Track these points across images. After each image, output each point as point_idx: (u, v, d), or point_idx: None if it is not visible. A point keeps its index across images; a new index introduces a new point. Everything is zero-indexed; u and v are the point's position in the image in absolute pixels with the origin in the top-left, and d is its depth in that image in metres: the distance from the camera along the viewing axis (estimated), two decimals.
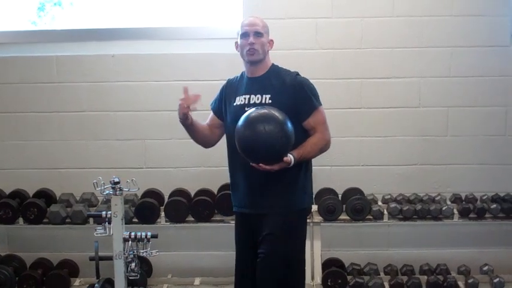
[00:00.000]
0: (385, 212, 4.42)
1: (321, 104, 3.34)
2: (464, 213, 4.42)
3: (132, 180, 3.19)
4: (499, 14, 4.71)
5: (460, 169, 4.82)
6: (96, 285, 3.39)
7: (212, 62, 4.65)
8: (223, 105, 3.42)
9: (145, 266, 4.51)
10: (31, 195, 4.62)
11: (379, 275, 4.56)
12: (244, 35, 3.29)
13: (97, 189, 3.17)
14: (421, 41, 4.69)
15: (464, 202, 4.54)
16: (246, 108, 3.22)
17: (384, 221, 4.44)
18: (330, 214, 4.37)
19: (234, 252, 3.43)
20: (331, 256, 4.69)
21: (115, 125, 4.80)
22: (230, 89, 3.41)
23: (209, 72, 4.60)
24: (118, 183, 3.15)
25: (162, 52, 4.77)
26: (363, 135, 4.78)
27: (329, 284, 4.34)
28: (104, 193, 3.18)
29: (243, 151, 3.12)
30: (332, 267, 4.47)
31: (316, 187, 4.57)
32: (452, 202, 4.59)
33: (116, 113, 4.79)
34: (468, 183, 4.79)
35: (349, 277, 4.41)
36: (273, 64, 3.38)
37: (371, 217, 4.41)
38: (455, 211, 4.42)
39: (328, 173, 4.77)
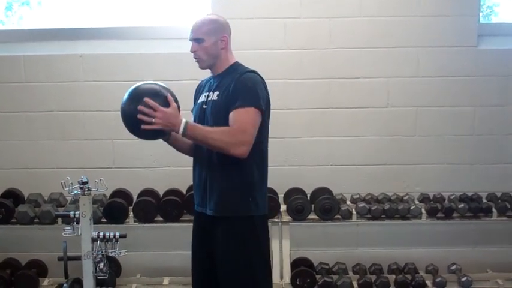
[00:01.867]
0: (354, 211, 4.44)
1: (256, 106, 3.02)
2: (432, 213, 4.45)
3: (100, 180, 3.17)
4: (466, 14, 4.77)
5: (428, 169, 4.87)
6: (64, 285, 3.37)
7: (181, 61, 4.63)
8: (194, 108, 3.38)
9: (114, 266, 4.48)
10: None
11: (348, 274, 4.59)
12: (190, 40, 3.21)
13: (65, 189, 3.14)
14: (389, 41, 4.74)
15: (432, 202, 4.58)
16: (204, 106, 3.19)
17: (353, 220, 4.46)
18: (298, 214, 4.39)
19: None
20: (300, 256, 4.71)
21: (83, 125, 4.78)
22: (199, 89, 3.39)
23: (177, 71, 4.60)
24: (86, 183, 3.13)
25: (130, 52, 4.76)
26: (332, 135, 4.81)
27: (298, 283, 4.35)
28: (72, 193, 3.15)
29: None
30: (301, 267, 4.49)
31: (285, 187, 4.64)
32: (420, 202, 4.63)
33: (84, 112, 4.76)
34: (436, 182, 4.84)
35: (317, 276, 4.43)
36: (235, 62, 3.25)
37: (339, 217, 4.43)
38: (423, 211, 4.45)
39: (296, 172, 4.80)
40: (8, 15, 5.18)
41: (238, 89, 3.05)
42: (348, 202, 4.62)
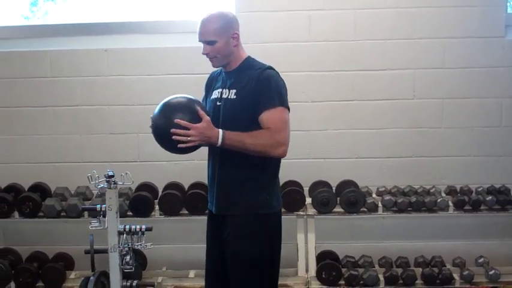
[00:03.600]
0: (380, 204, 4.41)
1: (285, 106, 3.04)
2: (459, 206, 4.41)
3: (126, 173, 3.19)
4: (494, 4, 4.70)
5: (455, 161, 4.82)
6: (91, 278, 3.38)
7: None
8: (205, 99, 3.34)
9: (140, 259, 4.51)
10: (26, 189, 4.62)
11: (374, 267, 4.56)
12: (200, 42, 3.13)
13: (91, 182, 3.17)
14: (415, 32, 4.68)
15: (459, 194, 4.53)
16: (218, 103, 3.14)
17: (379, 213, 4.44)
18: (324, 207, 4.37)
19: None
20: (326, 249, 4.69)
21: (109, 119, 4.80)
22: (210, 83, 3.34)
23: (203, 65, 4.59)
24: (112, 176, 3.15)
25: (155, 46, 4.76)
26: (357, 128, 4.77)
27: (323, 276, 4.34)
28: (99, 187, 3.18)
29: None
30: (326, 260, 4.47)
31: (310, 180, 4.63)
32: (447, 194, 4.58)
33: (109, 107, 4.79)
34: (463, 175, 4.79)
35: (343, 269, 4.41)
36: (248, 57, 3.18)
37: (365, 210, 4.41)
38: (450, 203, 4.41)
39: (321, 165, 4.78)
40: (33, 10, 5.22)
41: (262, 90, 3.00)
42: (374, 195, 4.59)
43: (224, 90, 3.14)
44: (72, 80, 4.80)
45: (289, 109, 3.08)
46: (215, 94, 3.19)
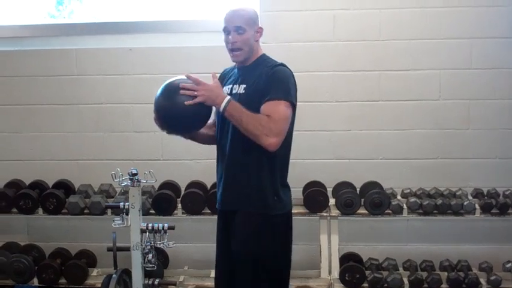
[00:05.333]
0: (405, 206, 4.36)
1: (289, 101, 2.95)
2: (486, 209, 4.34)
3: (149, 171, 3.20)
4: None
5: (481, 163, 4.75)
6: (113, 275, 3.40)
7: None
8: None
9: (162, 258, 4.52)
10: (50, 186, 4.66)
11: (398, 270, 4.50)
12: (225, 30, 3.06)
13: (115, 180, 3.19)
14: (440, 32, 4.63)
15: (486, 197, 4.46)
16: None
17: (403, 215, 4.38)
18: (347, 208, 4.34)
19: None
20: (349, 251, 4.65)
21: (132, 117, 4.82)
22: (222, 79, 3.28)
23: (226, 64, 4.59)
24: (136, 174, 3.17)
25: (179, 45, 4.77)
26: (381, 129, 4.73)
27: (347, 278, 4.30)
28: (122, 184, 3.20)
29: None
30: (350, 262, 4.43)
31: (333, 181, 4.60)
32: (473, 197, 4.51)
33: (133, 105, 4.80)
34: (490, 177, 4.71)
35: (367, 272, 4.36)
36: (263, 54, 3.14)
37: (390, 211, 4.36)
38: (477, 206, 4.34)
39: (345, 166, 4.74)
40: (59, 9, 5.25)
41: (270, 83, 2.95)
42: (399, 197, 4.53)
43: (235, 85, 3.11)
44: (96, 78, 4.83)
45: (294, 107, 3.00)
46: (225, 90, 3.14)
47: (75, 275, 4.42)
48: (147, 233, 3.21)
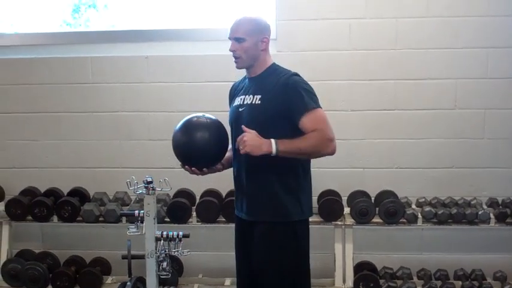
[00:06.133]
0: (419, 215, 4.35)
1: (319, 107, 3.04)
2: (501, 218, 4.31)
3: (164, 179, 3.21)
4: None
5: (496, 172, 4.71)
6: (128, 283, 3.40)
7: None
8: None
9: (176, 266, 4.53)
10: (65, 193, 4.68)
11: (412, 279, 4.49)
12: (229, 39, 3.18)
13: (130, 188, 3.19)
14: (457, 41, 4.60)
15: (501, 206, 4.43)
16: (240, 109, 3.14)
17: (418, 224, 4.37)
18: (362, 217, 4.33)
19: None
20: (363, 259, 4.64)
21: (148, 125, 4.83)
22: (233, 92, 3.35)
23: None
24: (151, 182, 3.17)
25: (195, 53, 4.78)
26: (397, 137, 4.70)
27: (361, 287, 4.29)
28: (137, 192, 3.20)
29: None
30: (364, 271, 4.43)
31: (348, 189, 4.59)
32: (488, 206, 4.49)
33: (149, 113, 4.82)
34: (505, 187, 4.68)
35: (381, 281, 4.36)
36: (273, 63, 3.20)
37: (405, 220, 4.35)
38: (491, 216, 4.32)
39: (360, 175, 4.72)
40: (75, 17, 5.28)
41: (294, 97, 3.00)
42: (414, 206, 4.52)
43: (247, 96, 3.14)
44: (113, 86, 4.84)
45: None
46: (237, 101, 3.20)
47: (89, 283, 4.44)
48: (162, 241, 3.21)
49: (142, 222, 3.22)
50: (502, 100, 4.66)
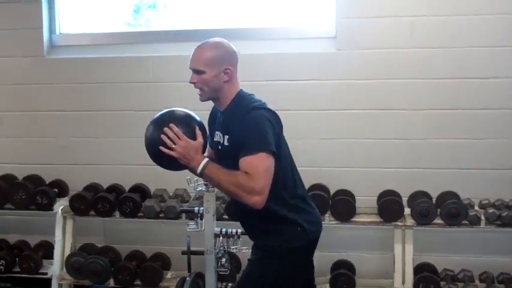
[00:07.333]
0: (483, 217, 4.25)
1: (267, 151, 2.70)
2: None
3: None
4: None
5: None
6: (187, 278, 3.44)
7: (302, 61, 4.66)
8: (210, 136, 3.11)
9: (234, 262, 4.54)
10: (127, 190, 4.77)
11: (474, 282, 4.39)
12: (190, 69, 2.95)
13: (190, 185, 3.23)
14: None
15: None
16: (219, 147, 2.97)
17: (481, 226, 4.27)
18: (423, 218, 4.26)
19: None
20: (423, 261, 4.55)
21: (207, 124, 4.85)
22: (213, 119, 3.18)
23: (299, 71, 4.61)
24: None
25: (254, 52, 4.77)
26: (459, 138, 4.60)
27: None
28: (197, 189, 3.24)
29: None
30: (424, 272, 4.35)
31: (409, 190, 4.52)
32: None
33: (208, 111, 4.84)
34: None
35: (442, 283, 4.27)
36: (237, 94, 2.93)
37: (467, 222, 4.25)
38: None
39: (421, 175, 4.64)
40: (135, 17, 5.37)
41: (247, 134, 2.73)
42: (476, 207, 4.42)
43: (220, 134, 2.98)
44: (172, 85, 4.89)
45: (274, 153, 2.73)
46: (216, 137, 3.03)
47: (150, 277, 4.50)
48: (221, 238, 3.23)
49: (201, 218, 3.25)
50: None
